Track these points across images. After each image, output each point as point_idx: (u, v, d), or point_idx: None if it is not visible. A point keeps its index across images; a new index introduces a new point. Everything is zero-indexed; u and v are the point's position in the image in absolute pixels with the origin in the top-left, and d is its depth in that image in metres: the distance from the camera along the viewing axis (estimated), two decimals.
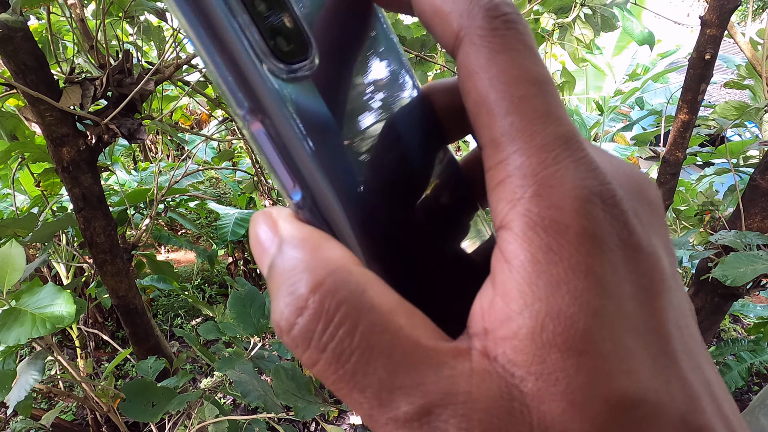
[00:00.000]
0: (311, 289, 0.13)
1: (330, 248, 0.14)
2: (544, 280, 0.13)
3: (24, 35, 0.90)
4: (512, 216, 0.13)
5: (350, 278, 0.13)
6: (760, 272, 0.93)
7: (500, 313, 0.13)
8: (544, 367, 0.12)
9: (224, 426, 1.01)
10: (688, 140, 1.10)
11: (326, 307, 0.13)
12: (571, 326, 0.12)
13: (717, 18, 0.96)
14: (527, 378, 0.12)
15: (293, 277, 0.14)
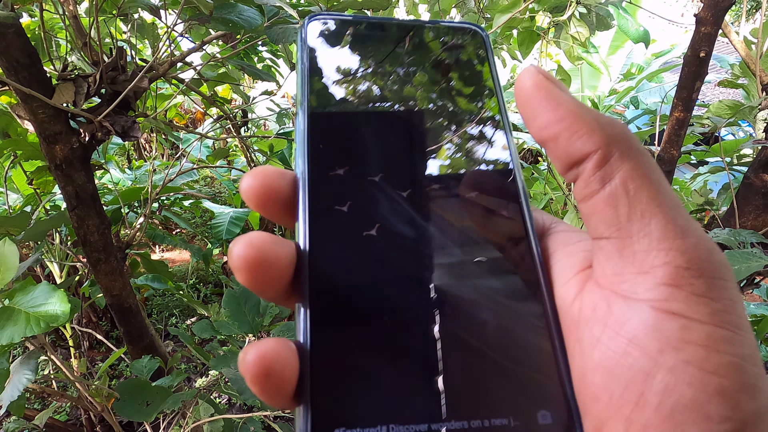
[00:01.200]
0: None
1: None
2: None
3: (16, 31, 0.89)
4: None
5: None
6: (754, 269, 0.93)
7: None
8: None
9: (219, 425, 1.00)
10: (683, 138, 1.10)
11: None
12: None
13: (712, 16, 0.96)
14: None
15: None
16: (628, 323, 0.16)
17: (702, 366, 0.15)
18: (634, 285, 0.16)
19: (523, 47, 1.88)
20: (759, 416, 0.15)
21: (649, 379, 0.15)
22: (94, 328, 2.25)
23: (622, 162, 0.17)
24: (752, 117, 1.24)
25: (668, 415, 0.15)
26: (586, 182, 0.18)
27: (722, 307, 0.15)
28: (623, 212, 0.17)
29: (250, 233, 0.19)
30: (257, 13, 0.97)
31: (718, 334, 0.15)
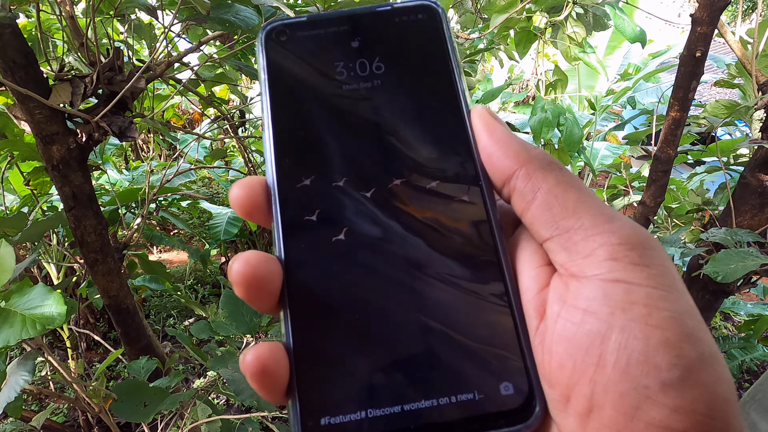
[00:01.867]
0: None
1: None
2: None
3: (13, 31, 0.89)
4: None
5: None
6: (750, 268, 0.94)
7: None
8: None
9: (217, 426, 1.00)
10: (679, 137, 1.11)
11: None
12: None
13: (707, 16, 0.97)
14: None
15: None
16: (581, 296, 0.19)
17: (646, 322, 0.17)
18: (582, 267, 0.19)
19: (520, 47, 1.88)
20: (702, 361, 0.17)
21: (605, 340, 0.18)
22: (92, 329, 2.24)
23: (545, 174, 0.21)
24: (748, 117, 1.24)
25: (624, 369, 0.17)
26: (520, 195, 0.21)
27: (656, 271, 0.18)
28: (557, 213, 0.20)
29: (247, 252, 0.20)
30: (254, 13, 0.97)
31: (655, 294, 0.18)
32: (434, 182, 0.23)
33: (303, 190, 0.22)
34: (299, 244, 0.21)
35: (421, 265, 0.21)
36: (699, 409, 0.17)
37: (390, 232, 0.22)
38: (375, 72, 0.24)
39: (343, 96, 0.24)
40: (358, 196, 0.22)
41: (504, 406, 0.20)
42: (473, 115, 0.23)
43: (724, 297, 1.26)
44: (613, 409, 0.17)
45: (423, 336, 0.20)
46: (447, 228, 0.22)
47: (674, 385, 0.17)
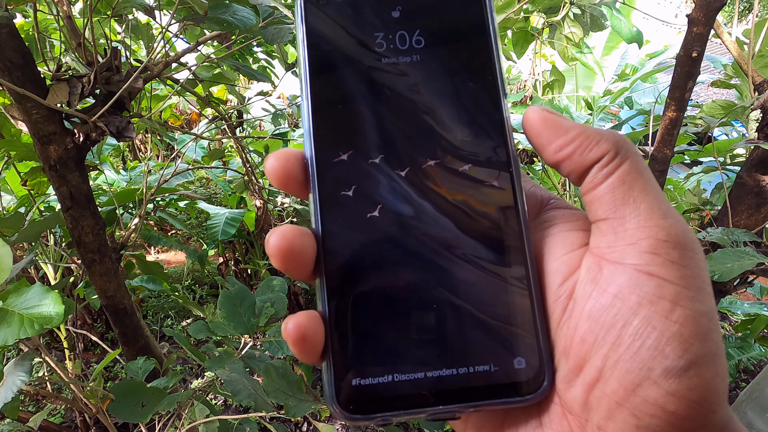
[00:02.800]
0: None
1: None
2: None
3: (10, 31, 0.89)
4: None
5: None
6: (747, 267, 0.94)
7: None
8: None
9: (215, 426, 1.00)
10: (675, 137, 1.11)
11: None
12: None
13: (703, 16, 0.97)
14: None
15: None
16: (614, 282, 0.20)
17: (667, 316, 0.19)
18: (622, 254, 0.20)
19: (518, 48, 1.89)
20: (708, 358, 0.19)
21: (627, 325, 0.20)
22: (89, 329, 2.24)
23: (621, 160, 0.21)
24: (745, 117, 1.25)
25: (636, 352, 0.19)
26: (592, 177, 0.22)
27: (690, 273, 0.20)
28: (619, 198, 0.21)
29: (283, 226, 0.22)
30: (252, 13, 0.97)
31: (683, 293, 0.19)
32: (467, 165, 0.23)
33: (340, 165, 0.23)
34: (336, 218, 0.23)
35: (449, 244, 0.22)
36: (692, 396, 0.19)
37: (421, 211, 0.23)
38: (414, 46, 0.24)
39: (382, 70, 0.24)
40: (393, 175, 0.23)
41: (516, 378, 0.22)
42: (531, 115, 0.23)
43: (721, 296, 1.27)
44: (618, 382, 0.19)
45: (447, 310, 0.22)
46: (476, 211, 0.23)
47: (676, 373, 0.19)
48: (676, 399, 0.19)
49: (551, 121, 0.23)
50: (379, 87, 0.24)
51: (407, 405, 0.21)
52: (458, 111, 0.24)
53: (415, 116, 0.24)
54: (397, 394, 0.21)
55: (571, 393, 0.21)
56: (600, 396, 0.20)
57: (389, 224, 0.22)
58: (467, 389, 0.22)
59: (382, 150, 0.23)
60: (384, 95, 0.24)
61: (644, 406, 0.19)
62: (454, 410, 0.22)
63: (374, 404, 0.21)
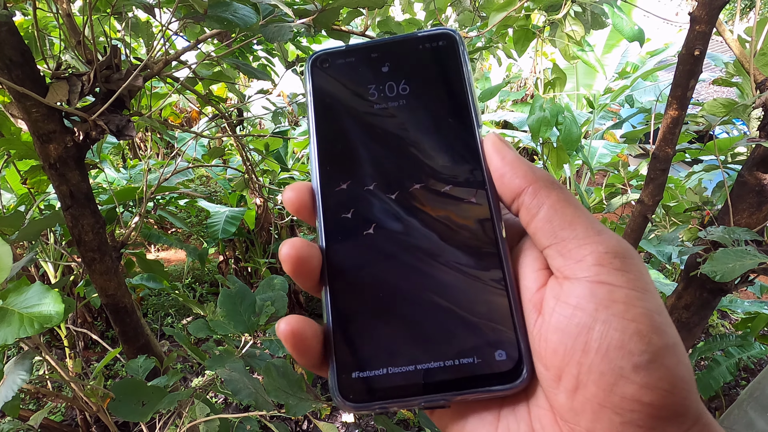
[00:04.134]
0: None
1: None
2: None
3: (9, 29, 0.89)
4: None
5: None
6: (748, 267, 0.94)
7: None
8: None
9: (215, 425, 1.00)
10: (677, 136, 1.11)
11: None
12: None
13: (706, 14, 0.97)
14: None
15: None
16: (572, 294, 0.23)
17: (624, 316, 0.21)
18: (574, 270, 0.23)
19: (519, 46, 1.88)
20: (667, 348, 0.21)
21: (590, 330, 0.22)
22: (89, 328, 2.24)
23: (549, 192, 0.25)
24: (746, 115, 1.24)
25: (604, 354, 0.21)
26: (526, 208, 0.25)
27: (633, 276, 0.22)
28: (557, 225, 0.24)
29: (294, 239, 0.26)
30: (252, 11, 0.96)
31: (632, 294, 0.22)
32: (447, 186, 0.27)
33: (341, 193, 0.28)
34: (337, 236, 0.27)
35: (435, 254, 0.26)
36: (662, 385, 0.21)
37: (410, 227, 0.27)
38: (401, 93, 0.29)
39: (374, 114, 0.29)
40: (385, 198, 0.27)
41: (497, 369, 0.24)
42: (487, 141, 0.28)
43: (722, 295, 1.27)
44: (595, 385, 0.21)
45: (434, 311, 0.25)
46: (457, 224, 0.27)
47: (644, 366, 0.21)
48: (649, 390, 0.21)
49: (498, 147, 0.27)
50: (372, 128, 0.29)
51: (401, 394, 0.25)
52: (438, 142, 0.28)
53: (403, 149, 0.28)
54: (392, 385, 0.25)
55: (558, 401, 0.23)
56: (583, 401, 0.22)
57: (382, 239, 0.27)
58: (454, 380, 0.24)
59: (375, 178, 0.28)
60: (376, 134, 0.29)
61: (624, 402, 0.21)
62: (443, 399, 0.24)
63: (372, 394, 0.25)
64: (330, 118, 0.29)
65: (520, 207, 0.26)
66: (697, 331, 1.33)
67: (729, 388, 2.14)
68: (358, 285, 0.26)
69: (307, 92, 0.30)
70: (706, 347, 1.81)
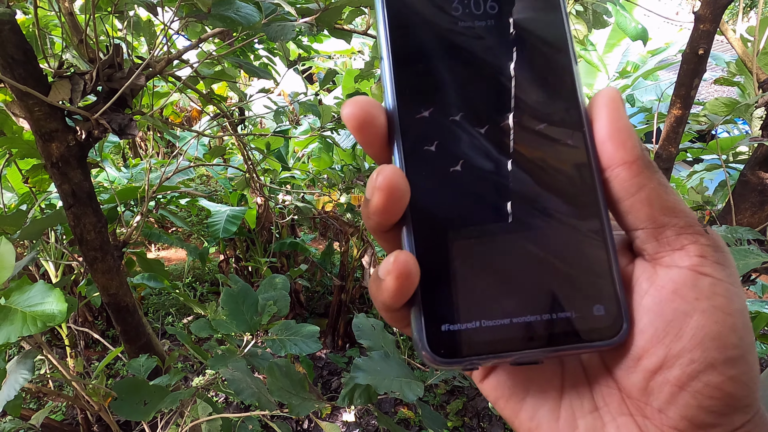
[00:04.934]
0: None
1: None
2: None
3: (11, 28, 0.89)
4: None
5: None
6: (751, 266, 0.93)
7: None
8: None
9: (217, 424, 1.00)
10: (681, 135, 1.10)
11: None
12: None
13: (710, 13, 0.96)
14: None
15: None
16: (672, 280, 0.23)
17: (725, 310, 0.22)
18: (672, 257, 0.23)
19: None
20: (752, 346, 0.22)
21: (687, 318, 0.22)
22: (91, 327, 2.24)
23: (652, 174, 0.23)
24: (748, 114, 1.24)
25: (700, 342, 0.22)
26: (623, 184, 0.23)
27: (731, 271, 0.23)
28: (657, 209, 0.23)
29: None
30: (255, 10, 0.96)
31: (732, 290, 0.22)
32: (542, 124, 0.24)
33: (423, 121, 0.24)
34: (420, 172, 0.24)
35: (529, 199, 0.24)
36: (745, 379, 0.22)
37: (502, 165, 0.24)
38: (489, 11, 0.25)
39: (459, 33, 0.25)
40: (473, 131, 0.24)
41: (596, 324, 0.23)
42: (603, 95, 0.25)
43: None
44: (681, 370, 0.22)
45: (529, 261, 0.23)
46: (552, 167, 0.24)
47: (735, 360, 0.22)
48: (733, 383, 0.21)
49: (616, 103, 0.24)
50: (456, 48, 0.25)
51: (493, 350, 0.23)
52: (530, 72, 0.25)
53: (491, 76, 0.25)
54: (484, 340, 0.23)
55: (631, 380, 0.23)
56: (662, 382, 0.22)
57: (472, 178, 0.24)
58: (550, 335, 0.23)
59: (461, 108, 0.24)
60: (461, 56, 0.25)
61: (706, 389, 0.21)
62: (537, 355, 0.23)
63: (463, 349, 0.23)
64: (406, 33, 0.25)
65: (613, 178, 0.24)
66: None
67: None
68: (445, 230, 0.23)
69: (378, 2, 0.25)
70: None
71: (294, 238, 2.73)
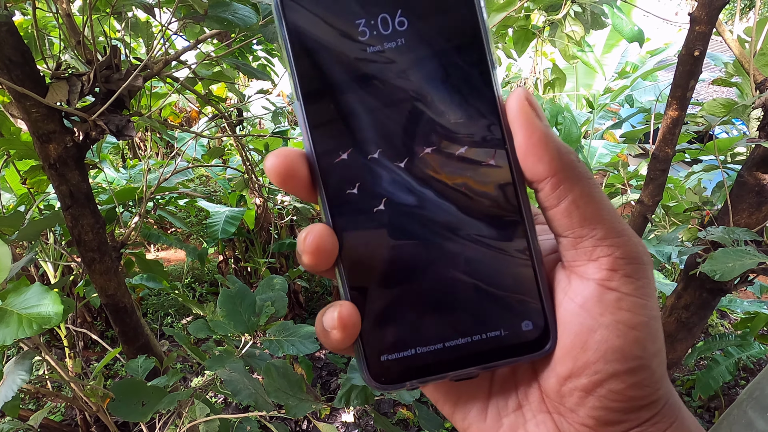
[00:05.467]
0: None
1: None
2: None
3: (9, 29, 0.89)
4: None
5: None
6: (748, 267, 0.94)
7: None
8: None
9: (215, 425, 1.00)
10: (677, 136, 1.11)
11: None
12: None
13: (706, 15, 0.97)
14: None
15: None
16: (580, 293, 0.24)
17: (627, 324, 0.23)
18: (586, 269, 0.23)
19: (519, 46, 1.88)
20: (656, 353, 0.23)
21: (592, 332, 0.23)
22: (89, 328, 2.24)
23: (572, 185, 0.23)
24: (746, 115, 1.25)
25: (603, 355, 0.23)
26: (545, 197, 0.24)
27: (641, 284, 0.23)
28: (576, 221, 0.23)
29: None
30: (252, 11, 0.96)
31: (638, 303, 0.23)
32: (462, 148, 0.24)
33: (342, 165, 0.24)
34: (345, 215, 0.24)
35: (454, 226, 0.24)
36: (648, 384, 0.23)
37: (424, 198, 0.24)
38: (398, 29, 0.23)
39: (369, 60, 0.23)
40: (393, 167, 0.24)
41: (525, 338, 0.24)
42: (512, 104, 0.23)
43: (722, 295, 1.27)
44: (587, 379, 0.23)
45: (457, 287, 0.24)
46: (475, 191, 0.24)
47: (636, 369, 0.23)
48: (636, 388, 0.23)
49: (525, 113, 0.23)
50: (367, 79, 0.23)
51: (429, 372, 0.24)
52: (448, 93, 0.23)
53: (405, 104, 0.23)
54: (420, 364, 0.24)
55: (548, 383, 0.25)
56: (572, 388, 0.24)
57: (396, 214, 0.24)
58: (481, 353, 0.24)
59: (379, 144, 0.23)
60: (373, 86, 0.23)
61: (610, 395, 0.23)
62: (471, 372, 0.25)
63: (402, 374, 0.24)
64: (315, 71, 0.23)
65: (538, 191, 0.24)
66: (696, 331, 1.33)
67: (728, 388, 2.14)
68: (375, 267, 0.24)
69: (282, 37, 0.23)
70: (705, 347, 1.81)
71: (293, 238, 2.73)
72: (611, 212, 0.24)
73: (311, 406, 0.86)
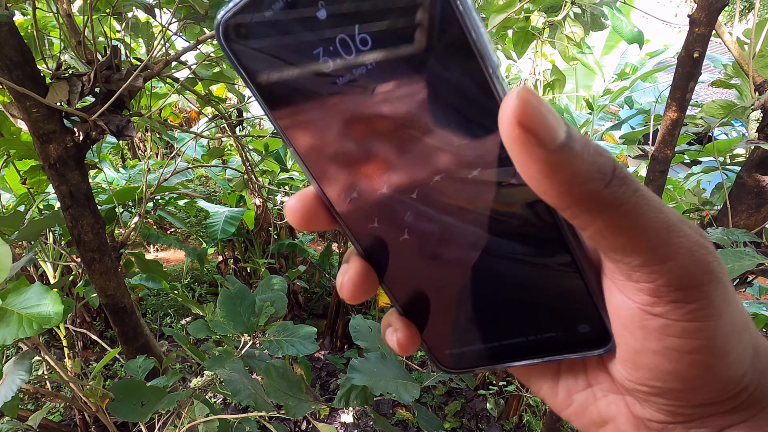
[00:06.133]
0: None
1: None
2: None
3: (9, 30, 0.89)
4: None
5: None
6: (747, 268, 0.94)
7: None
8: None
9: (215, 425, 1.00)
10: (676, 138, 1.11)
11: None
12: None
13: (705, 17, 0.97)
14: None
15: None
16: (622, 314, 0.21)
17: (679, 350, 0.20)
18: (626, 288, 0.21)
19: (518, 47, 1.88)
20: (726, 356, 0.20)
21: (639, 354, 0.21)
22: (88, 328, 2.24)
23: (593, 217, 0.19)
24: (745, 117, 1.25)
25: (656, 375, 0.21)
26: (570, 221, 0.20)
27: (697, 306, 0.20)
28: (604, 248, 0.20)
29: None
30: None
31: (691, 327, 0.20)
32: (475, 171, 0.20)
33: (355, 204, 0.23)
34: (375, 245, 0.24)
35: (492, 248, 0.23)
36: (715, 392, 0.21)
37: (450, 223, 0.22)
38: (361, 48, 0.19)
39: (344, 93, 0.20)
40: (406, 199, 0.22)
41: (583, 338, 0.24)
42: (502, 126, 0.18)
43: None
44: (647, 389, 0.22)
45: (509, 306, 0.24)
46: (504, 213, 0.22)
47: (698, 387, 0.21)
48: (706, 396, 0.21)
49: (522, 139, 0.18)
50: (351, 114, 0.20)
51: (489, 362, 0.26)
52: (445, 112, 0.20)
53: (402, 133, 0.20)
54: (481, 356, 0.26)
55: (614, 373, 0.24)
56: (635, 389, 0.23)
57: (428, 240, 0.23)
58: (539, 348, 0.25)
59: (384, 180, 0.22)
60: (361, 121, 0.20)
61: (677, 400, 0.22)
62: (526, 364, 0.25)
63: (464, 363, 0.27)
64: (298, 120, 0.21)
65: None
66: None
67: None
68: (420, 290, 0.25)
69: (249, 86, 0.20)
70: None
71: (292, 239, 2.73)
72: (654, 237, 0.19)
73: (310, 406, 0.86)
